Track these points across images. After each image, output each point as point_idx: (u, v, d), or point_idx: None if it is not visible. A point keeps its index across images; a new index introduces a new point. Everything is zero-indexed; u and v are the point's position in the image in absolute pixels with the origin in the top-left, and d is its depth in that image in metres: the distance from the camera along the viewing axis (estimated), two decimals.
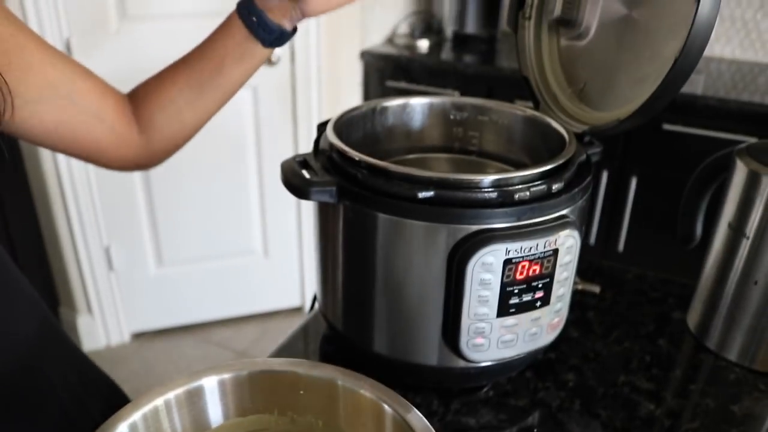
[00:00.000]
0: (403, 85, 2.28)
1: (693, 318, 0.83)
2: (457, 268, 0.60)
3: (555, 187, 0.62)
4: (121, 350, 2.37)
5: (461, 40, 2.46)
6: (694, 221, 0.87)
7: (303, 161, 0.68)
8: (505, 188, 0.60)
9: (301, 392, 0.52)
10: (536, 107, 0.85)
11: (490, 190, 0.59)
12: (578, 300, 0.88)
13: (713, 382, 0.74)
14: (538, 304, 0.64)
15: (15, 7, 1.73)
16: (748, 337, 0.76)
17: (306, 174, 0.65)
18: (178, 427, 0.47)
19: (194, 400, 0.48)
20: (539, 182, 0.61)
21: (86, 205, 2.08)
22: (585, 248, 0.67)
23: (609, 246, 2.20)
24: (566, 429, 0.66)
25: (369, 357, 0.70)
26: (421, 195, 0.59)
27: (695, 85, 1.99)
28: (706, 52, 2.48)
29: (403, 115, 0.83)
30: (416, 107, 0.84)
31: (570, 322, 0.82)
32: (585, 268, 0.95)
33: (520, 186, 0.60)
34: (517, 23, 0.88)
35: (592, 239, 2.21)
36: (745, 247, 0.74)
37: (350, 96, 2.35)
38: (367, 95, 2.37)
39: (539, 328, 0.66)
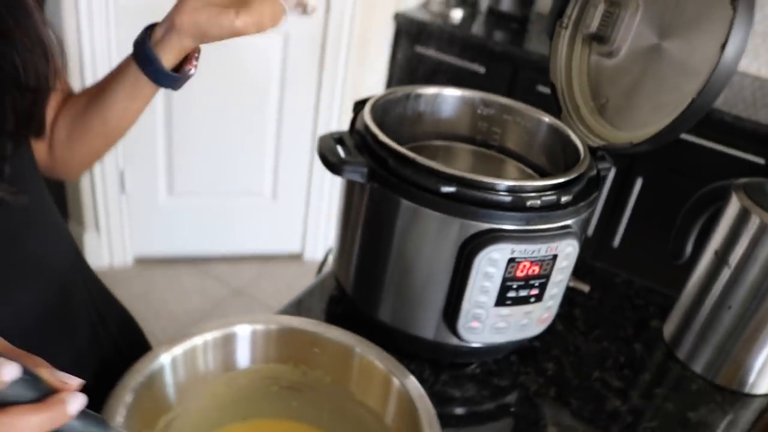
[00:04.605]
0: (431, 53, 2.30)
1: (669, 328, 0.91)
2: (466, 260, 0.66)
3: (564, 199, 0.68)
4: (123, 272, 2.45)
5: (494, 16, 2.47)
6: (685, 241, 0.94)
7: (339, 138, 0.74)
8: (519, 194, 0.66)
9: (316, 350, 0.60)
10: (558, 114, 0.91)
11: (505, 194, 0.66)
12: (568, 296, 0.95)
13: (677, 389, 0.82)
14: (533, 300, 0.71)
15: None
16: (715, 354, 0.83)
17: (341, 152, 0.71)
18: (210, 365, 0.55)
19: (227, 344, 0.55)
20: (550, 193, 0.67)
21: None
22: (583, 242, 0.73)
23: (605, 240, 2.27)
24: (540, 412, 0.75)
25: (372, 323, 0.77)
26: (444, 189, 0.65)
27: None
28: None
29: (434, 103, 0.89)
30: (447, 98, 0.89)
31: (557, 316, 0.89)
32: (578, 267, 1.02)
33: (532, 194, 0.67)
34: (554, 30, 0.93)
35: (590, 230, 2.28)
36: (725, 274, 0.81)
37: (378, 56, 2.38)
38: (395, 58, 2.39)
39: (530, 320, 0.73)
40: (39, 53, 0.58)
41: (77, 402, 0.40)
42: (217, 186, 2.42)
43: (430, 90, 0.88)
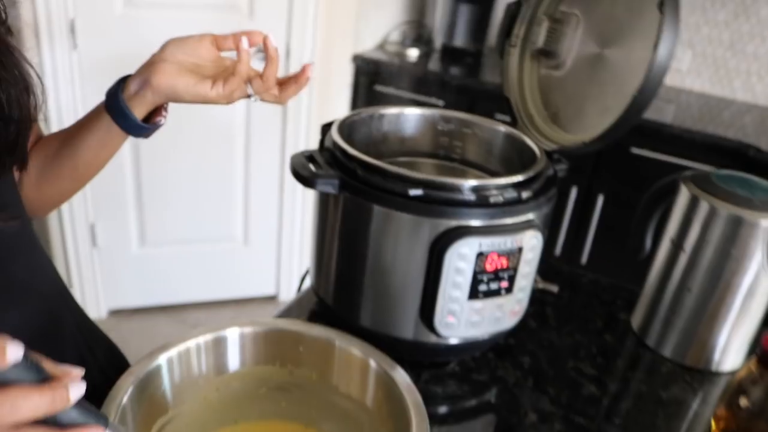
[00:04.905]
0: (390, 90, 2.38)
1: (636, 319, 0.95)
2: (437, 257, 0.70)
3: (524, 195, 0.73)
4: (98, 325, 2.42)
5: (449, 53, 2.57)
6: (643, 236, 0.99)
7: (310, 156, 0.78)
8: (482, 192, 0.71)
9: (301, 349, 0.62)
10: (514, 125, 0.96)
11: (469, 192, 0.70)
12: (538, 297, 0.99)
13: (648, 373, 0.86)
14: (503, 292, 0.75)
15: None
16: (681, 337, 0.88)
17: (312, 167, 0.75)
18: (203, 368, 0.57)
19: (218, 347, 0.58)
20: (511, 189, 0.72)
21: None
22: (550, 257, 0.78)
23: (573, 257, 2.33)
24: (519, 402, 0.78)
25: (354, 330, 0.80)
26: (412, 192, 0.70)
27: (665, 113, 2.13)
28: (679, 84, 2.60)
29: (397, 122, 0.94)
30: (409, 116, 0.94)
31: (529, 315, 0.93)
32: (547, 270, 1.07)
33: (495, 191, 0.71)
34: (504, 49, 1.00)
35: (558, 250, 2.34)
36: (683, 259, 0.86)
37: (339, 97, 2.45)
38: (356, 98, 2.47)
39: (502, 313, 0.77)
40: (21, 87, 0.61)
41: (78, 388, 0.42)
42: (189, 234, 2.43)
43: (392, 110, 0.93)
